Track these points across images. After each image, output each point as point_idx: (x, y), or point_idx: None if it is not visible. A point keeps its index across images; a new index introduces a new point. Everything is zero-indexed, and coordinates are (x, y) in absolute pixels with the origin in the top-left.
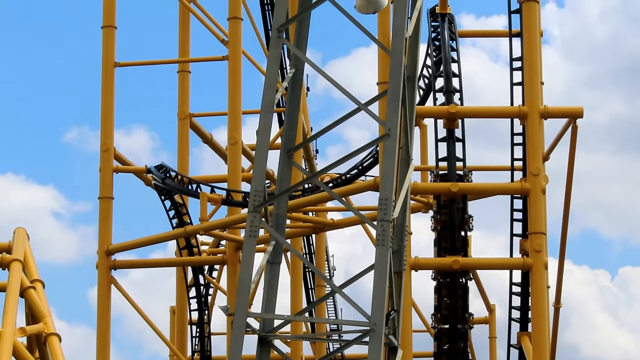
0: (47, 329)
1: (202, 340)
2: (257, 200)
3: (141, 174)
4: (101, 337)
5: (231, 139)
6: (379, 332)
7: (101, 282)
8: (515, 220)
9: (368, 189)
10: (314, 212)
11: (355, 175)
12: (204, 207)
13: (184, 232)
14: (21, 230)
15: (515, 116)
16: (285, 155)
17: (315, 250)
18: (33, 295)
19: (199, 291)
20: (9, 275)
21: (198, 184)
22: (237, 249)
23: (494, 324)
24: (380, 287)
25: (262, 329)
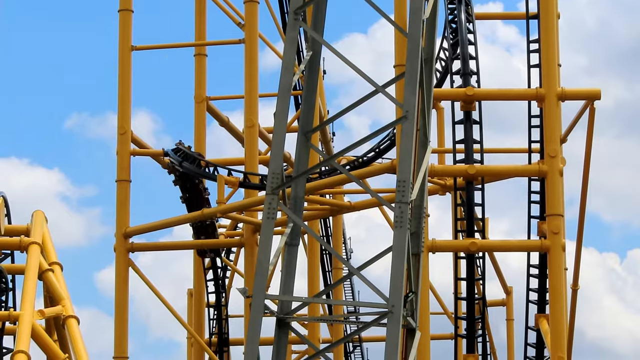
0: (65, 311)
1: (220, 323)
2: (275, 183)
3: (158, 157)
4: (119, 320)
5: (248, 121)
6: (397, 314)
7: (119, 264)
8: (533, 203)
9: (385, 171)
10: (331, 195)
11: (372, 158)
12: (221, 190)
13: (201, 215)
14: (39, 213)
15: (532, 98)
16: (303, 137)
17: (332, 233)
18: (51, 278)
19: (217, 274)
20: (28, 258)
21: (215, 167)
22: (255, 232)
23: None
24: (398, 269)
25: (280, 311)
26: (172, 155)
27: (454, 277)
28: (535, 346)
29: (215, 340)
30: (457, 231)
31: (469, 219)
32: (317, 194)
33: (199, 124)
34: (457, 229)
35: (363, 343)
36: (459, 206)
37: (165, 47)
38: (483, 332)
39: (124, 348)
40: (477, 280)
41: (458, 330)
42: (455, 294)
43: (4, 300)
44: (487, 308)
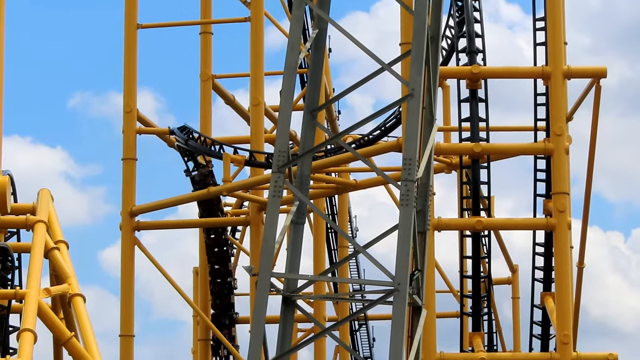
0: (71, 289)
1: None
2: (281, 161)
3: (164, 135)
4: (125, 298)
5: (253, 100)
6: (403, 291)
7: (125, 243)
8: (539, 181)
9: (391, 149)
10: (337, 173)
11: (378, 136)
12: (227, 168)
13: (207, 193)
14: (45, 191)
15: (538, 76)
16: (309, 115)
17: (338, 211)
18: (57, 256)
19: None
20: (34, 237)
21: (221, 145)
22: (260, 210)
23: (517, 284)
24: (404, 247)
25: (286, 289)
26: (178, 134)
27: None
28: (541, 324)
29: None
30: (462, 209)
31: (475, 197)
32: (323, 172)
33: (205, 103)
34: (462, 207)
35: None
36: (465, 184)
37: (171, 25)
38: (489, 310)
39: (130, 326)
40: (483, 258)
41: (464, 309)
42: (461, 272)
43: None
44: (492, 286)
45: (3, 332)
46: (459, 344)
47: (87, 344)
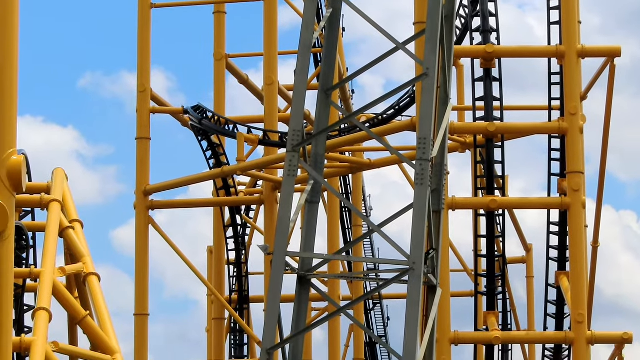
0: (86, 268)
1: (240, 280)
2: (296, 140)
3: (178, 114)
4: (140, 277)
5: (267, 79)
6: (418, 270)
7: (139, 222)
8: (553, 160)
9: (405, 128)
10: (351, 152)
11: (392, 115)
12: (241, 148)
13: (221, 173)
14: (60, 170)
15: (552, 55)
16: (323, 94)
17: (352, 191)
18: (72, 235)
19: (236, 231)
20: (48, 216)
21: (235, 125)
22: (274, 189)
23: (532, 263)
24: (419, 225)
25: (301, 268)
26: (192, 113)
27: (473, 235)
28: (555, 303)
29: (235, 298)
30: (477, 188)
31: (489, 176)
32: (337, 152)
33: (218, 82)
34: (476, 186)
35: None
36: (479, 164)
37: (184, 4)
38: (503, 289)
39: (144, 305)
40: (497, 237)
41: (478, 288)
42: (475, 251)
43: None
44: (507, 265)
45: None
46: (474, 323)
47: (102, 322)
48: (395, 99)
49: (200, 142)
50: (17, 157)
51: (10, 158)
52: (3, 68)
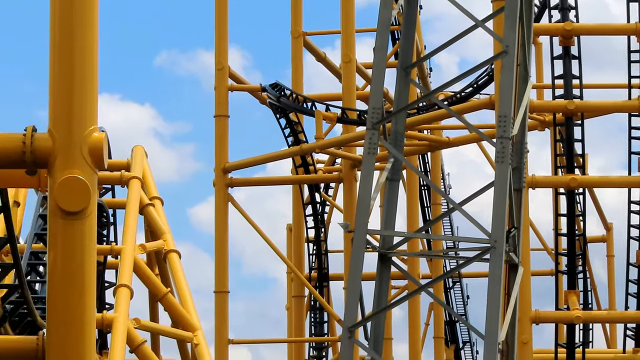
0: (166, 245)
1: (320, 258)
2: (376, 118)
3: (256, 92)
4: (219, 255)
5: (345, 57)
6: (500, 249)
7: (218, 200)
8: (633, 138)
9: (483, 107)
10: (429, 131)
11: (470, 93)
12: (319, 125)
13: (299, 150)
14: (139, 147)
15: (632, 33)
16: (403, 72)
17: (431, 169)
18: (152, 213)
19: (316, 209)
20: (128, 193)
21: (313, 102)
22: (353, 167)
23: (612, 242)
24: (500, 204)
25: (382, 246)
26: (270, 91)
27: (554, 214)
28: (636, 282)
29: (315, 275)
30: (556, 167)
31: (569, 154)
32: (415, 130)
33: (296, 60)
34: (556, 165)
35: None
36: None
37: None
38: (584, 268)
39: (224, 282)
40: (578, 216)
41: (559, 267)
42: (555, 230)
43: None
44: (587, 244)
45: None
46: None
47: (183, 299)
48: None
49: (279, 119)
50: (99, 134)
51: (92, 135)
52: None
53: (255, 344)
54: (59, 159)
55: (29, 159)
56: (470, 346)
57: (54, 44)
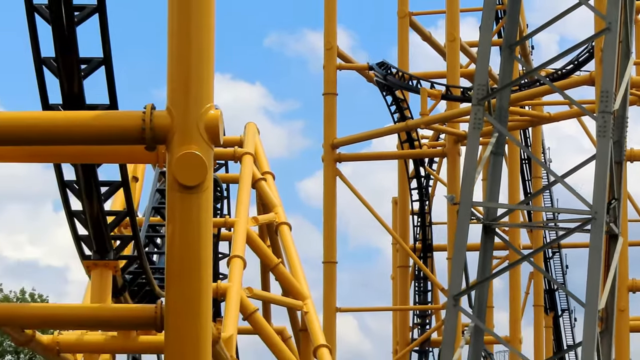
0: (278, 218)
1: (424, 229)
2: (481, 94)
3: (363, 71)
4: (328, 227)
5: (449, 36)
6: (601, 220)
7: (327, 174)
8: None
9: (584, 83)
10: (530, 107)
11: (570, 70)
12: (424, 102)
13: (405, 126)
14: (252, 124)
15: None
16: (507, 50)
17: (532, 143)
18: (264, 187)
19: (420, 183)
20: (241, 168)
21: (418, 80)
22: (456, 142)
23: None
24: (602, 176)
25: (486, 217)
26: (377, 69)
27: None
28: None
29: (419, 246)
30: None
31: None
32: (517, 106)
33: (402, 39)
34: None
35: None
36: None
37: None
38: None
39: (332, 253)
40: None
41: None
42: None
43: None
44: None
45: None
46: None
47: (294, 269)
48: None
49: (385, 97)
50: (215, 112)
51: (208, 112)
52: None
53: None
54: (177, 136)
55: (149, 135)
56: (569, 314)
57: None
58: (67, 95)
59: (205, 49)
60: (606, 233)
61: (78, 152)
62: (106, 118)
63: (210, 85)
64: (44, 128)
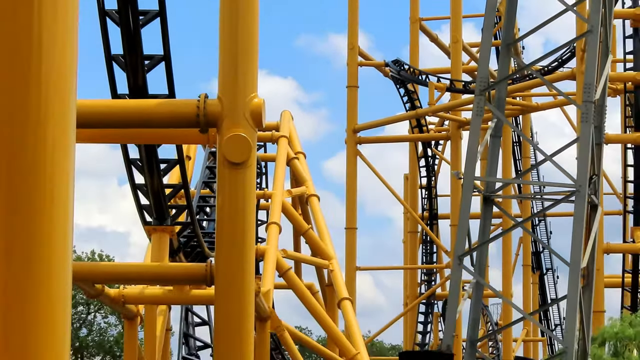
0: (308, 191)
1: (430, 201)
2: (483, 85)
3: (380, 67)
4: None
5: (453, 38)
6: (583, 192)
7: (349, 154)
8: None
9: (566, 78)
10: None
11: (555, 67)
12: (432, 94)
13: (415, 114)
14: (287, 112)
15: None
16: (505, 48)
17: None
18: (297, 164)
19: (427, 162)
20: (278, 149)
21: (427, 75)
22: (458, 127)
23: None
24: (584, 155)
25: (486, 190)
26: (392, 66)
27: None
28: None
29: (426, 215)
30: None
31: (637, 116)
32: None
33: (413, 40)
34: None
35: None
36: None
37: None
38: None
39: (353, 221)
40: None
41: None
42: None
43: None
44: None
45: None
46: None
47: (321, 234)
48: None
49: (398, 89)
50: (258, 100)
51: (253, 101)
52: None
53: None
54: (226, 120)
55: (202, 120)
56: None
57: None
58: (133, 87)
59: (250, 48)
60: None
61: (142, 134)
62: (166, 105)
63: (255, 77)
64: (115, 114)
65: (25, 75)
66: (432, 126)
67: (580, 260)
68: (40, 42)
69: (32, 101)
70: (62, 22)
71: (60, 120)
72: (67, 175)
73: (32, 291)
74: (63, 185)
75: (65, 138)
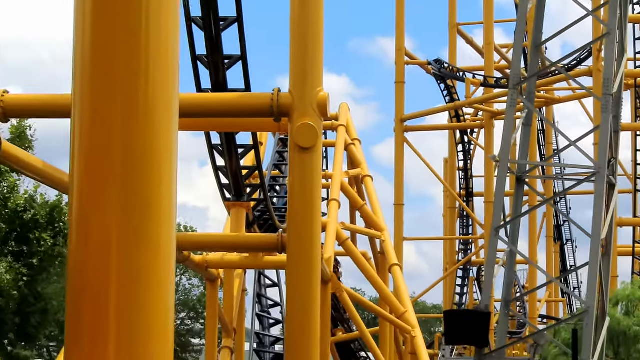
0: (363, 172)
1: (467, 181)
2: (516, 80)
3: (423, 65)
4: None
5: (486, 40)
6: (603, 173)
7: (398, 141)
8: None
9: (584, 74)
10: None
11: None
12: (468, 88)
13: (454, 106)
14: (345, 104)
15: None
16: (534, 48)
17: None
18: (353, 150)
19: (464, 147)
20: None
21: (464, 72)
22: (491, 117)
23: None
24: (604, 141)
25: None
26: (433, 64)
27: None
28: None
29: (463, 193)
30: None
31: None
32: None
33: (452, 42)
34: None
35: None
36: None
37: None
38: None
39: (400, 198)
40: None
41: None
42: (634, 161)
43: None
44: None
45: None
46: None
47: (374, 209)
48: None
49: (439, 84)
50: (324, 93)
51: (319, 94)
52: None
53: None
54: (297, 111)
55: (276, 111)
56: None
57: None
58: (215, 83)
59: (316, 48)
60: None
61: (224, 123)
62: (245, 98)
63: (320, 74)
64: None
65: (137, 73)
66: (468, 116)
67: (600, 232)
68: (148, 45)
69: (140, 95)
70: (165, 28)
71: (165, 111)
72: (171, 157)
73: (145, 251)
74: (168, 166)
75: (169, 125)
